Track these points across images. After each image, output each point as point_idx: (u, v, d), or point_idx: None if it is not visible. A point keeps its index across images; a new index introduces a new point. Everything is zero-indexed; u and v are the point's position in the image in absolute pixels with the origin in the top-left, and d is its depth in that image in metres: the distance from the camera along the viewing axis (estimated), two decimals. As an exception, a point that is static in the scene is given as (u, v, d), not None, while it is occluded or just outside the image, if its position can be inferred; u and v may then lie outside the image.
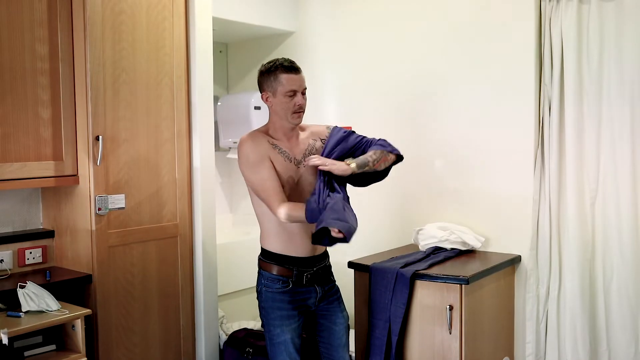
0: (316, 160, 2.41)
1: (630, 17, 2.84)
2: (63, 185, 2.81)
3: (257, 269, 2.59)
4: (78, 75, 2.74)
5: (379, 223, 3.64)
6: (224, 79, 4.39)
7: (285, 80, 2.41)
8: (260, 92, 2.49)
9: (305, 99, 2.46)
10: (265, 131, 2.52)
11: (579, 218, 2.99)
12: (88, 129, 2.72)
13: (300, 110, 2.45)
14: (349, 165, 2.41)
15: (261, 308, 2.55)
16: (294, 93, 2.42)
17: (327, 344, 2.60)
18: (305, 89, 2.47)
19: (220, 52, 4.35)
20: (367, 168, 2.46)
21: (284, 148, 2.48)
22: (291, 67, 2.43)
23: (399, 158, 2.63)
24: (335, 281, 2.65)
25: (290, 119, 2.46)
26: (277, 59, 2.45)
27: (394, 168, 3.55)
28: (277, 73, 2.42)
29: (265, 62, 2.49)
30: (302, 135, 2.57)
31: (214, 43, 3.33)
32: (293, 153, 2.49)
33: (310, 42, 3.96)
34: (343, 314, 2.62)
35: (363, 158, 2.47)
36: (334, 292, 2.61)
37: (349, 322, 2.68)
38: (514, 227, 3.17)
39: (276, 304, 2.49)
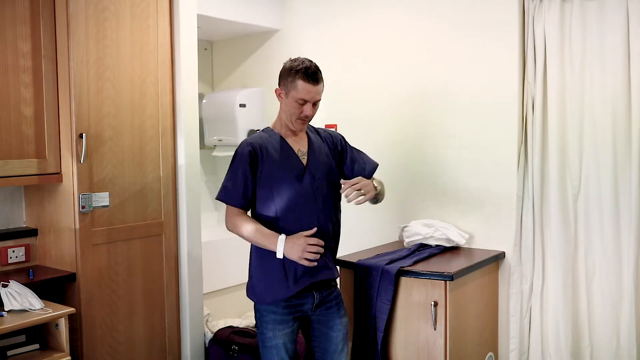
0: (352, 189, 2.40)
1: (612, 15, 2.87)
2: (46, 183, 2.79)
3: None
4: (61, 73, 2.72)
5: (364, 220, 3.66)
6: (209, 77, 4.38)
7: (300, 87, 2.38)
8: (278, 85, 2.48)
9: (315, 109, 2.44)
10: (273, 126, 2.55)
11: (561, 215, 3.02)
12: (71, 127, 2.70)
13: (305, 119, 2.45)
14: (376, 188, 2.51)
15: (255, 310, 2.52)
16: (304, 102, 2.40)
17: (322, 349, 2.55)
18: (319, 99, 2.43)
19: (205, 49, 4.34)
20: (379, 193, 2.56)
21: (289, 143, 2.49)
22: (311, 77, 2.37)
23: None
24: (336, 286, 2.59)
25: (294, 124, 2.46)
26: (304, 62, 2.39)
27: (381, 166, 3.58)
28: (296, 78, 2.37)
29: (293, 57, 2.46)
30: (311, 134, 2.58)
31: (199, 41, 3.32)
32: (298, 146, 2.51)
33: (295, 40, 3.96)
34: (342, 320, 2.55)
35: (380, 183, 2.57)
36: (334, 297, 2.54)
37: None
38: (497, 223, 3.20)
39: (270, 307, 2.46)
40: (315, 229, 2.38)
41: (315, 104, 2.43)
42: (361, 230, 3.63)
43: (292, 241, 2.33)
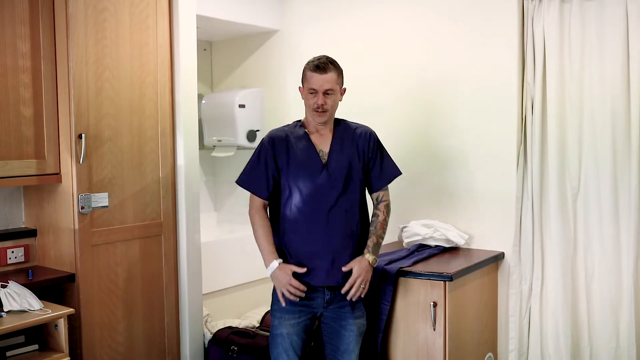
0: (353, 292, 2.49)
1: (611, 15, 2.87)
2: (45, 184, 2.79)
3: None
4: (60, 73, 2.72)
5: (363, 221, 3.66)
6: (208, 77, 4.38)
7: (309, 78, 2.49)
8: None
9: (328, 100, 2.48)
10: (304, 120, 2.63)
11: (561, 215, 3.02)
12: (71, 127, 2.70)
13: (319, 110, 2.48)
14: (371, 264, 2.53)
15: (272, 296, 2.63)
16: (314, 91, 2.47)
17: (334, 346, 2.59)
18: (330, 89, 2.47)
19: (205, 50, 4.34)
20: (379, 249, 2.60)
21: (312, 139, 2.56)
22: (317, 67, 2.47)
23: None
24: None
25: (312, 116, 2.53)
26: (317, 57, 2.52)
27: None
28: (306, 70, 2.51)
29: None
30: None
31: (198, 41, 3.32)
32: (320, 146, 2.56)
33: (294, 40, 3.96)
34: (355, 321, 2.56)
35: (374, 244, 2.56)
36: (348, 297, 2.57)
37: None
38: (497, 224, 3.20)
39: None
40: (305, 269, 2.47)
41: (326, 94, 2.47)
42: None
43: (280, 273, 2.48)
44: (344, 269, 2.50)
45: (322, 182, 2.50)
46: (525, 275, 3.11)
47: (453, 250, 3.22)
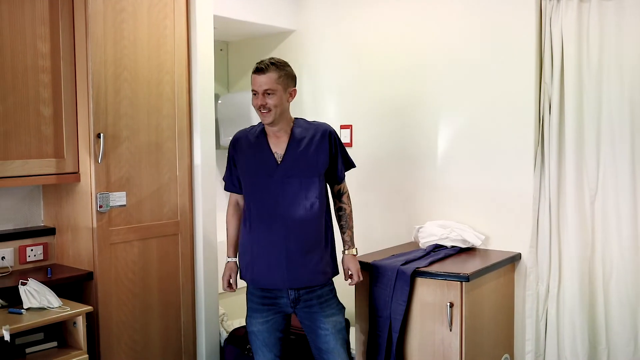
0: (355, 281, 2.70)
1: (630, 15, 2.85)
2: (64, 183, 2.82)
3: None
4: (79, 73, 2.75)
5: (379, 221, 3.65)
6: (224, 78, 4.39)
7: (251, 80, 2.51)
8: None
9: (269, 100, 2.45)
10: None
11: (578, 216, 3.00)
12: (89, 127, 2.73)
13: (262, 110, 2.48)
14: (355, 256, 2.73)
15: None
16: (255, 93, 2.49)
17: (315, 346, 2.62)
18: (268, 89, 2.45)
19: (221, 50, 4.36)
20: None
21: (269, 141, 2.57)
22: (257, 69, 2.48)
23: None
24: (319, 286, 2.57)
25: (259, 118, 2.53)
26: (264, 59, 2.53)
27: (394, 166, 3.57)
28: (252, 73, 2.50)
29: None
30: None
31: (215, 41, 3.33)
32: (275, 147, 2.56)
33: (310, 40, 3.96)
34: (328, 319, 2.56)
35: (351, 237, 2.72)
36: (315, 297, 2.55)
37: (347, 323, 2.69)
38: (514, 225, 3.18)
39: (249, 295, 2.66)
40: (234, 290, 2.76)
41: (266, 94, 2.46)
42: (376, 231, 3.62)
43: (225, 269, 2.74)
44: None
45: (277, 183, 2.51)
46: (542, 277, 3.09)
47: (469, 250, 3.20)
